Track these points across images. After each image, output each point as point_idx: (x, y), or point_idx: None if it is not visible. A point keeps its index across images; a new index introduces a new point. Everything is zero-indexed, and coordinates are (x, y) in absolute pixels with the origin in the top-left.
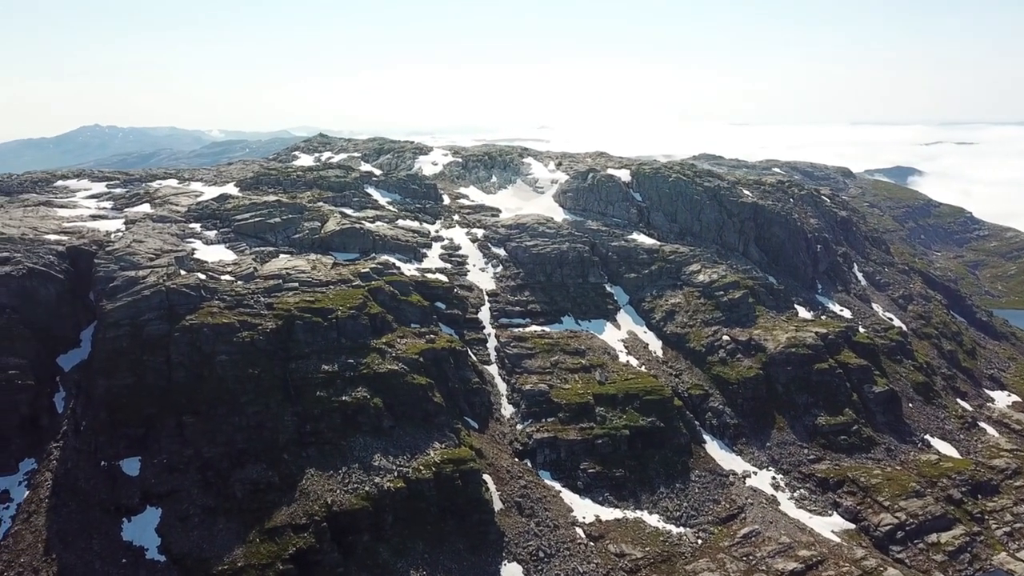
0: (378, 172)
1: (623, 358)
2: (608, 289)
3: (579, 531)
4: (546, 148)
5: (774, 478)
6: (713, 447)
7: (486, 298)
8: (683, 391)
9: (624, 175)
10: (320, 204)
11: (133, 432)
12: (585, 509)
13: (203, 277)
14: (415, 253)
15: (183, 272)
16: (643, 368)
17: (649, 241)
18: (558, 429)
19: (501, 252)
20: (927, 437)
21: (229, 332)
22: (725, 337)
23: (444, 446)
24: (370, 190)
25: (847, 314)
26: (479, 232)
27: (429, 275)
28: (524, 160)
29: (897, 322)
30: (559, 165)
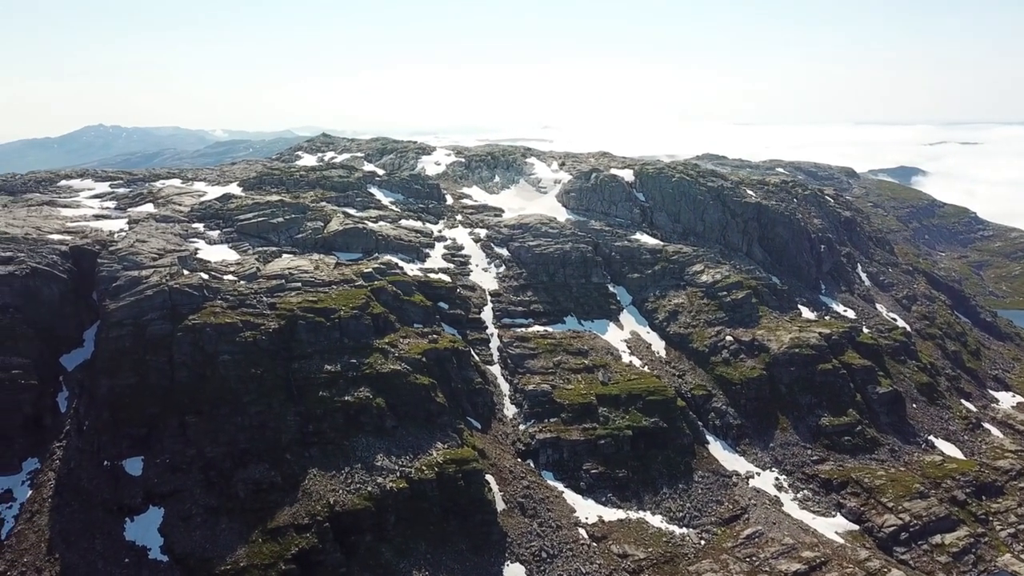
0: (381, 172)
1: (626, 358)
2: (611, 289)
3: (582, 532)
4: (549, 148)
5: (777, 479)
6: (716, 448)
7: (489, 298)
8: (686, 391)
9: (627, 175)
10: (323, 204)
11: (136, 432)
12: (588, 510)
13: (206, 277)
14: (418, 253)
15: (186, 272)
16: (646, 368)
17: (652, 241)
18: (561, 429)
19: (504, 252)
20: (931, 438)
21: (232, 332)
22: (728, 337)
23: (447, 446)
24: (373, 190)
25: (851, 314)
26: (482, 232)
27: (432, 275)
28: (527, 160)
29: (901, 322)
30: (562, 165)
